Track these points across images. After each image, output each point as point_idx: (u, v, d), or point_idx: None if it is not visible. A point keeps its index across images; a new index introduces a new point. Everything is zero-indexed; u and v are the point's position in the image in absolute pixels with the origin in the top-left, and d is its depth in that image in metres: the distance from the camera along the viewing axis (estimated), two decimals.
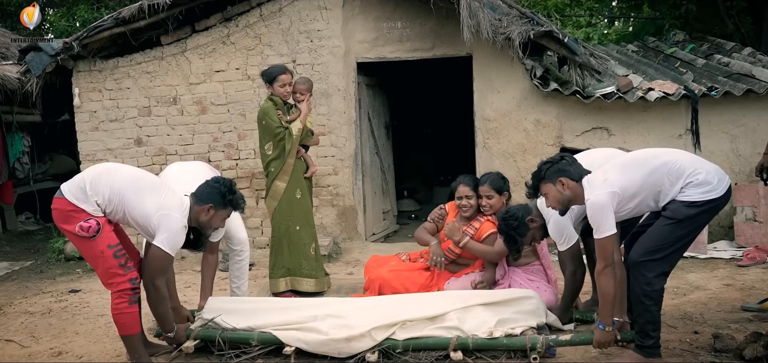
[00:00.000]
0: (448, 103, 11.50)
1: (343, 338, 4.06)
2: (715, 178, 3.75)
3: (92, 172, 4.01)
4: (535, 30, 6.95)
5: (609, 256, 3.71)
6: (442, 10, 7.35)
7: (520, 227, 4.40)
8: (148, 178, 4.07)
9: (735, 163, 7.24)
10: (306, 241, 5.73)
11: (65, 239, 8.14)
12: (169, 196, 4.01)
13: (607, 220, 3.69)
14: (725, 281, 5.81)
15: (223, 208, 4.12)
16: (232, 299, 4.88)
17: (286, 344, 4.15)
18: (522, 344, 3.97)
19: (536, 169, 4.09)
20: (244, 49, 7.82)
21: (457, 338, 4.01)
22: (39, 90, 7.94)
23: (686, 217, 3.71)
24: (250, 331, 4.27)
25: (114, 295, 3.96)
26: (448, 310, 4.20)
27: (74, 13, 14.63)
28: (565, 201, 3.95)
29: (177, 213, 3.93)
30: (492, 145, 7.61)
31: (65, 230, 3.97)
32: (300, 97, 5.77)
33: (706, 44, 9.64)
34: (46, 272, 7.62)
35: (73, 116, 8.29)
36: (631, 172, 3.80)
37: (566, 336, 4.11)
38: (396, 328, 4.10)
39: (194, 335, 4.27)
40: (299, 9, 7.74)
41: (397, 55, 7.85)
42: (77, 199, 3.91)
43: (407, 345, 4.05)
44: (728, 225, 7.24)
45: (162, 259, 3.92)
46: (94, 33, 7.64)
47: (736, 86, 7.13)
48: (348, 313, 4.28)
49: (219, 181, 4.18)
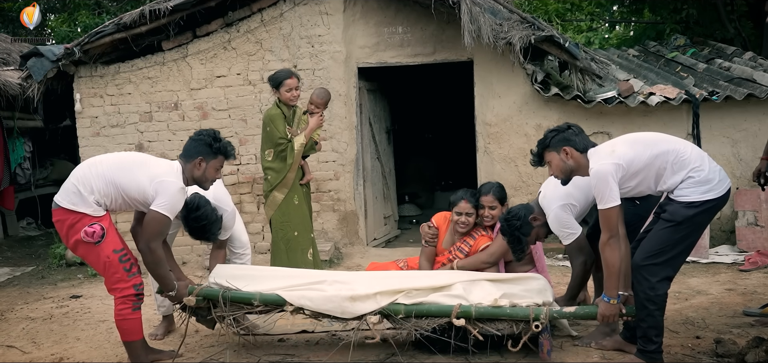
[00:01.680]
0: (449, 107, 11.50)
1: (348, 297, 4.06)
2: (716, 178, 3.75)
3: (78, 173, 3.98)
4: (536, 35, 6.96)
5: (613, 227, 3.70)
6: (442, 15, 7.37)
7: (524, 227, 4.36)
8: (133, 156, 4.07)
9: (736, 167, 7.24)
10: (304, 247, 5.72)
11: None
12: (158, 164, 4.00)
13: (611, 191, 3.68)
14: (727, 286, 5.81)
15: (214, 157, 4.08)
16: (239, 266, 4.83)
17: (288, 302, 4.13)
18: (525, 314, 3.94)
19: (542, 136, 4.08)
20: (245, 55, 7.84)
21: (459, 306, 3.99)
22: (40, 95, 7.96)
23: (685, 219, 3.71)
24: (254, 293, 4.23)
25: (118, 301, 3.96)
26: (455, 281, 4.19)
27: (75, 18, 14.66)
28: (567, 170, 3.93)
29: (172, 177, 3.92)
30: (493, 150, 7.61)
31: (70, 239, 3.95)
32: (315, 111, 5.72)
33: (707, 49, 9.65)
34: (48, 278, 7.63)
35: (74, 122, 8.30)
36: (640, 149, 3.79)
37: (570, 309, 4.10)
38: (401, 296, 4.10)
39: (196, 292, 4.21)
40: (300, 14, 7.75)
41: (398, 60, 7.86)
42: (75, 205, 3.89)
43: (409, 310, 4.04)
44: (730, 229, 7.24)
45: (159, 221, 3.88)
46: (96, 38, 7.65)
47: (737, 91, 7.14)
48: (355, 281, 4.31)
49: (202, 133, 4.15)
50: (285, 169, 5.55)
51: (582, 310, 4.07)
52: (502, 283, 4.21)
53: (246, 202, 7.89)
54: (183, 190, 3.97)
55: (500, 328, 3.99)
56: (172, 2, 7.46)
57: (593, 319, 3.98)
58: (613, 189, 3.68)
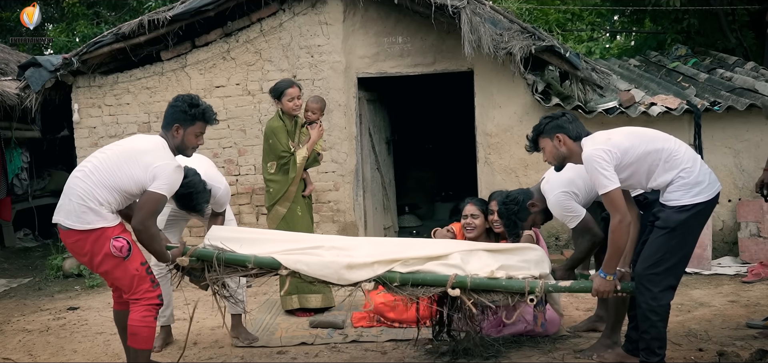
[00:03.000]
0: (449, 118, 11.52)
1: (345, 264, 4.05)
2: (706, 180, 3.76)
3: (78, 189, 3.82)
4: (537, 45, 6.98)
5: (621, 208, 3.68)
6: (443, 25, 7.39)
7: (521, 212, 4.43)
8: (119, 151, 3.91)
9: (738, 178, 7.25)
10: None
11: (64, 256, 8.15)
12: (146, 150, 3.87)
13: (607, 173, 3.68)
14: (730, 298, 5.80)
15: (191, 123, 3.98)
16: (235, 229, 4.79)
17: (283, 266, 4.09)
18: (520, 287, 3.95)
19: (537, 122, 4.13)
20: (244, 65, 7.85)
21: (455, 276, 3.99)
22: (38, 106, 7.98)
23: (678, 223, 3.72)
24: (249, 255, 4.17)
25: (142, 308, 3.89)
26: (452, 251, 4.19)
27: (74, 28, 14.69)
28: (560, 157, 3.97)
29: (164, 158, 3.85)
30: (493, 161, 7.62)
31: (94, 257, 3.85)
32: (312, 117, 5.73)
33: (708, 59, 9.67)
34: (45, 289, 7.62)
35: (72, 132, 8.31)
36: (636, 142, 3.81)
37: (565, 283, 4.10)
38: (397, 264, 4.09)
39: (190, 253, 4.15)
40: (300, 24, 7.77)
41: (398, 70, 7.88)
42: (91, 223, 3.79)
43: (405, 279, 4.04)
44: (732, 241, 7.24)
45: (156, 201, 3.81)
46: (94, 49, 7.67)
47: (739, 101, 7.15)
48: (354, 247, 4.29)
49: (178, 99, 4.06)
50: (287, 182, 5.55)
51: (577, 285, 4.07)
52: (499, 253, 4.21)
53: (245, 213, 7.89)
54: (179, 168, 3.90)
55: (495, 300, 4.01)
56: (171, 12, 7.49)
57: (588, 292, 3.97)
58: (607, 172, 3.68)
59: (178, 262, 4.12)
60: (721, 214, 7.26)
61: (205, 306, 6.40)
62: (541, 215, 4.53)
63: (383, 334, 5.08)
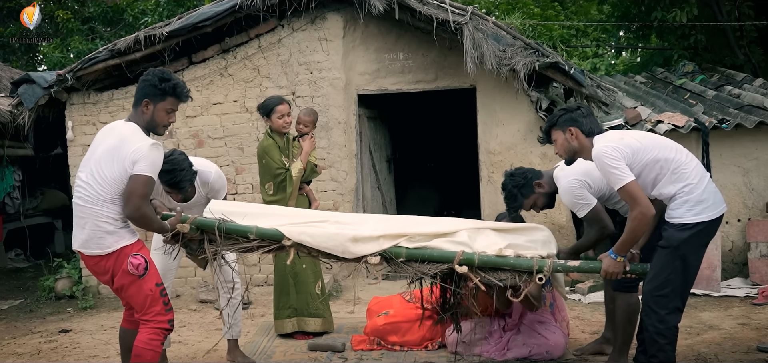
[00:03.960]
0: (451, 135, 11.54)
1: (350, 237, 4.05)
2: (710, 200, 3.76)
3: (85, 217, 3.80)
4: (541, 61, 7.00)
5: (640, 200, 3.67)
6: (444, 41, 7.43)
7: (526, 187, 4.46)
8: (98, 160, 3.84)
9: (748, 197, 7.25)
10: (312, 279, 5.70)
11: (56, 277, 8.14)
12: (118, 145, 3.81)
13: (619, 167, 3.69)
14: (740, 320, 5.78)
15: (161, 99, 3.92)
16: (237, 203, 4.77)
17: (287, 237, 4.07)
18: (529, 265, 3.95)
19: (553, 113, 4.16)
20: (242, 82, 7.88)
21: (462, 253, 3.99)
22: (31, 123, 7.99)
23: (681, 243, 3.72)
24: (250, 226, 4.14)
25: (150, 331, 3.88)
26: (460, 228, 4.18)
27: (68, 44, 14.77)
28: (571, 151, 4.02)
29: (137, 142, 3.78)
30: (497, 179, 7.62)
31: (115, 274, 3.85)
32: (303, 129, 5.73)
33: (716, 75, 9.70)
34: (36, 311, 7.60)
35: (65, 150, 8.32)
36: (648, 144, 3.83)
37: (574, 262, 4.09)
38: (403, 240, 4.09)
39: (190, 221, 4.10)
40: (299, 40, 7.81)
41: (399, 87, 7.91)
42: (111, 246, 3.80)
43: (411, 254, 4.04)
44: (742, 262, 7.23)
45: (144, 183, 3.76)
46: (89, 65, 7.70)
47: (747, 118, 7.16)
48: (360, 223, 4.30)
49: (148, 74, 3.98)
50: (286, 199, 5.53)
51: (586, 264, 4.07)
52: (507, 233, 4.22)
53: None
54: (156, 144, 3.84)
55: (503, 279, 4.00)
56: (168, 28, 7.53)
57: (597, 273, 3.96)
58: (619, 166, 3.70)
59: (178, 228, 4.06)
60: (730, 234, 7.26)
61: (200, 328, 6.39)
62: (544, 198, 4.55)
63: (384, 357, 5.07)
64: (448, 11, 7.12)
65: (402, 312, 5.23)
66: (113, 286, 3.94)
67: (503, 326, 4.91)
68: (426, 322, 4.99)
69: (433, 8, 7.19)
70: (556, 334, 4.79)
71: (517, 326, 4.90)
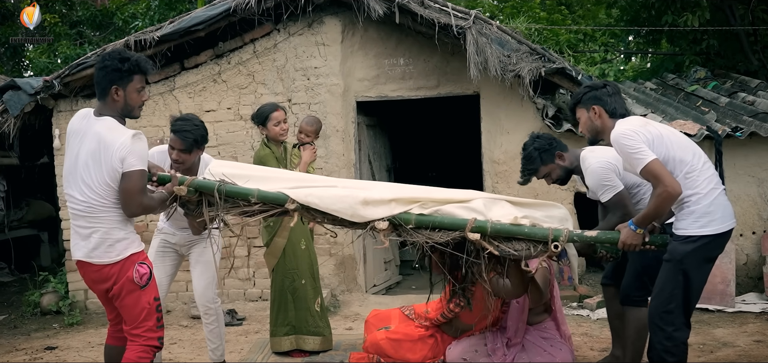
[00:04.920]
0: (454, 144, 11.54)
1: (361, 200, 3.99)
2: (718, 213, 3.72)
3: (91, 226, 3.79)
4: (547, 67, 7.02)
5: (665, 178, 3.63)
6: (447, 47, 7.44)
7: (547, 153, 4.49)
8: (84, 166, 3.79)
9: (763, 209, 7.24)
10: (311, 296, 5.68)
11: (41, 291, 8.13)
12: (102, 148, 3.76)
13: (639, 149, 3.67)
14: (755, 337, 5.77)
15: (129, 80, 3.86)
16: (240, 165, 4.66)
17: (291, 199, 4.00)
18: (544, 235, 3.89)
19: (578, 90, 4.18)
20: (236, 88, 7.89)
21: (474, 220, 3.94)
22: (16, 131, 7.98)
23: (684, 256, 3.70)
24: (252, 189, 4.07)
25: (139, 348, 3.86)
26: (475, 197, 4.16)
27: (55, 49, 14.78)
28: (594, 130, 4.06)
29: (119, 137, 3.75)
30: (501, 190, 7.62)
31: (119, 281, 3.82)
32: (305, 139, 5.70)
33: (729, 81, 9.71)
34: (21, 327, 7.58)
35: (52, 159, 8.32)
36: (668, 139, 3.79)
37: (591, 232, 4.04)
38: (416, 206, 4.04)
39: (188, 182, 4.04)
40: (295, 45, 7.82)
41: (400, 94, 7.91)
42: (121, 253, 3.80)
43: (420, 221, 3.98)
44: (757, 276, 7.22)
45: (139, 177, 3.76)
46: (77, 71, 7.71)
47: (762, 126, 7.16)
48: (370, 188, 4.24)
49: (106, 59, 3.89)
50: None
51: (604, 235, 4.01)
52: (523, 206, 4.18)
53: (236, 245, 7.87)
54: (138, 134, 3.82)
55: (517, 249, 3.94)
56: (159, 32, 7.55)
57: (614, 243, 3.93)
58: (639, 147, 3.68)
59: (175, 191, 4.02)
60: (744, 247, 7.25)
61: (192, 346, 6.38)
62: (561, 172, 4.57)
63: None
64: (451, 15, 7.13)
65: (403, 329, 5.21)
66: (110, 293, 3.89)
67: (506, 342, 4.89)
68: (428, 341, 4.98)
69: (435, 12, 7.21)
70: (562, 350, 4.77)
71: (522, 342, 4.88)
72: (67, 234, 8.10)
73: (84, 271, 3.90)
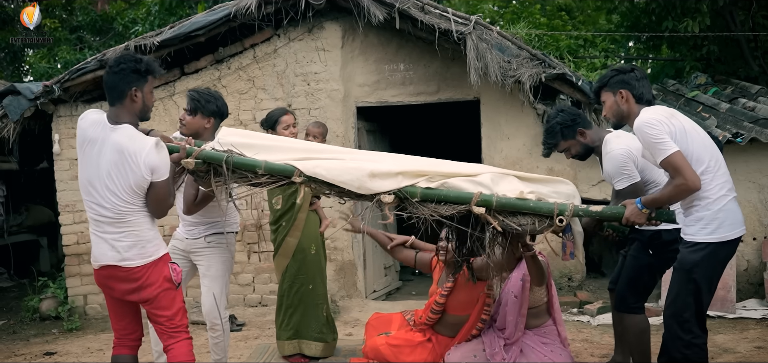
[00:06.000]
0: (454, 150, 11.53)
1: (369, 172, 3.99)
2: (728, 220, 3.70)
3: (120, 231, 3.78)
4: (547, 72, 7.03)
5: (685, 171, 3.60)
6: (447, 52, 7.45)
7: (569, 129, 4.48)
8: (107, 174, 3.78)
9: (764, 215, 7.24)
10: (319, 302, 5.67)
11: (41, 296, 8.13)
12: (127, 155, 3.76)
13: (662, 139, 3.63)
14: (756, 343, 5.77)
15: (145, 81, 3.88)
16: (250, 133, 4.67)
17: (298, 171, 3.99)
18: (549, 209, 3.89)
19: (605, 72, 4.14)
20: (236, 93, 7.90)
21: (480, 194, 3.94)
22: (16, 136, 8.00)
23: (693, 265, 3.68)
24: (259, 161, 4.06)
25: (185, 342, 3.92)
26: (483, 171, 4.16)
27: (55, 54, 14.79)
28: (619, 115, 4.00)
29: (144, 145, 3.76)
30: None
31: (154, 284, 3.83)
32: (313, 142, 5.73)
33: (730, 87, 9.72)
34: (20, 333, 7.58)
35: (52, 164, 8.33)
36: (694, 137, 3.75)
37: (597, 208, 4.04)
38: (423, 179, 4.05)
39: (196, 153, 4.02)
40: (295, 50, 7.83)
41: (400, 99, 7.92)
42: (153, 254, 3.82)
43: (426, 195, 3.99)
44: (758, 282, 7.21)
45: (166, 184, 3.84)
46: (77, 75, 7.72)
47: (763, 132, 7.17)
48: (378, 160, 4.25)
49: (121, 61, 3.88)
50: (295, 212, 5.51)
51: (609, 209, 4.00)
52: (531, 182, 4.18)
53: (236, 252, 7.82)
54: (159, 143, 3.84)
55: (522, 223, 3.93)
56: (159, 38, 7.56)
57: (619, 219, 3.92)
58: (662, 137, 3.64)
59: (182, 164, 4.01)
60: (745, 253, 7.25)
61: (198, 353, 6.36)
62: (581, 148, 4.57)
63: None
64: (451, 21, 7.15)
65: (403, 335, 5.21)
66: (138, 297, 3.86)
67: (503, 344, 4.88)
68: (427, 345, 4.98)
69: (436, 17, 7.22)
70: (561, 355, 4.77)
71: (520, 342, 4.87)
72: (66, 239, 8.11)
73: (109, 277, 3.85)
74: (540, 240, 4.28)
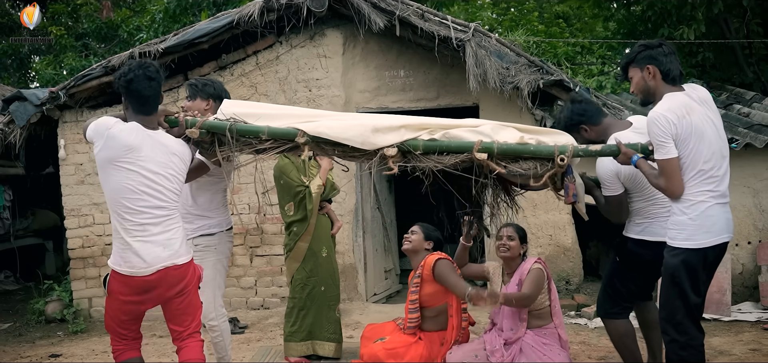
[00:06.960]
0: None
1: (371, 127, 4.01)
2: (710, 225, 3.66)
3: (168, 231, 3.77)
4: (545, 79, 7.04)
5: (673, 178, 3.62)
6: (446, 59, 7.46)
7: (573, 129, 4.36)
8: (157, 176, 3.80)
9: (758, 219, 7.25)
10: (331, 303, 5.67)
11: (46, 299, 8.13)
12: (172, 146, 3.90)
13: (666, 143, 3.62)
14: (751, 346, 5.77)
15: None
16: (250, 104, 4.64)
17: (301, 132, 4.01)
18: (550, 152, 3.91)
19: (633, 48, 4.08)
20: (238, 99, 7.89)
21: (480, 141, 3.97)
22: (22, 141, 8.01)
23: (674, 269, 3.67)
24: (262, 127, 4.10)
25: (199, 342, 3.94)
26: (484, 123, 4.18)
27: (61, 60, 14.82)
28: (646, 91, 3.92)
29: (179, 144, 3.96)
30: None
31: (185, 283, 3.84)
32: None
33: (724, 93, 9.73)
34: (25, 335, 7.58)
35: (57, 169, 8.34)
36: (703, 140, 3.69)
37: (596, 147, 4.05)
38: (425, 132, 4.07)
39: (199, 124, 4.05)
40: (297, 57, 7.85)
41: (400, 105, 7.93)
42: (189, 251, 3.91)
43: (428, 146, 4.02)
44: (753, 285, 7.21)
45: None
46: (82, 82, 7.74)
47: (757, 138, 7.18)
48: (381, 119, 4.25)
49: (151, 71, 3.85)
50: (307, 217, 5.52)
51: (607, 148, 4.01)
52: (531, 132, 4.20)
53: (238, 254, 7.88)
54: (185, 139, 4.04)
55: (526, 168, 3.96)
56: (163, 45, 7.57)
57: (615, 155, 3.94)
58: (664, 140, 3.63)
59: (187, 133, 4.04)
60: (740, 257, 7.25)
61: None
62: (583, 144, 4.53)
63: None
64: (451, 28, 7.16)
65: (397, 338, 5.23)
66: (178, 298, 3.82)
67: (504, 342, 4.88)
68: (420, 343, 5.00)
69: (435, 25, 7.24)
70: (560, 355, 4.77)
71: (520, 342, 4.87)
72: (71, 243, 8.12)
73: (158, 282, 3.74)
74: (538, 245, 4.29)
